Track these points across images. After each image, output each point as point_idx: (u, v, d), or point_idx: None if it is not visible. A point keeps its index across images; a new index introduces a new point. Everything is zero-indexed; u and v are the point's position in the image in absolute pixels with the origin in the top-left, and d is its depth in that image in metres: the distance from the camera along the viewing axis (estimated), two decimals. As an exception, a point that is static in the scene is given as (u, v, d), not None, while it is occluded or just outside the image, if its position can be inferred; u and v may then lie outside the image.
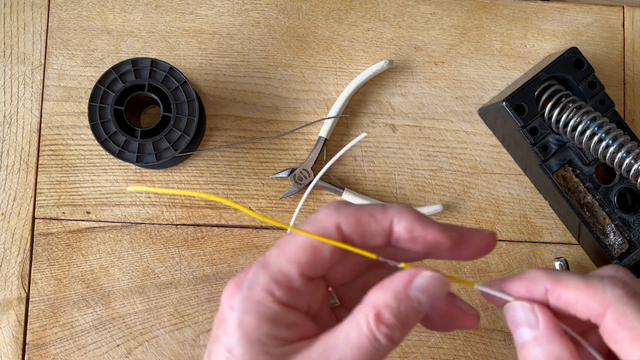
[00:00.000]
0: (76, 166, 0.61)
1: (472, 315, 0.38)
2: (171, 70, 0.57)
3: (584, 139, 0.55)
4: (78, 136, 0.61)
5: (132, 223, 0.61)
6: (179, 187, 0.61)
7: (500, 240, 0.62)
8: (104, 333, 0.59)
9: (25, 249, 0.60)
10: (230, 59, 0.63)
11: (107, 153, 0.56)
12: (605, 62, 0.64)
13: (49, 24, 0.62)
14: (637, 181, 0.55)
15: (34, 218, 0.60)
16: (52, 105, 0.61)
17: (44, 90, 0.61)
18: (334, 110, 0.61)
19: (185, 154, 0.58)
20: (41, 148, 0.61)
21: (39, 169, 0.61)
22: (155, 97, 0.57)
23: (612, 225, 0.59)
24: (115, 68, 0.57)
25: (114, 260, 0.60)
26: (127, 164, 0.60)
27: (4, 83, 0.61)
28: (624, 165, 0.54)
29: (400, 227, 0.35)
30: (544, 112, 0.57)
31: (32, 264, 0.60)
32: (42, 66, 0.62)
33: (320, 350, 0.34)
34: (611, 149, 0.54)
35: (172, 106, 0.57)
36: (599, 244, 0.58)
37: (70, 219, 0.60)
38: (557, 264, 0.61)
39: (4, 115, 0.61)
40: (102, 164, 0.61)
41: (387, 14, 0.64)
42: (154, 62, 0.57)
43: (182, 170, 0.61)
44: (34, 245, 0.60)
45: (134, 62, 0.57)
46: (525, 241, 0.62)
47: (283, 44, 0.63)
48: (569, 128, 0.56)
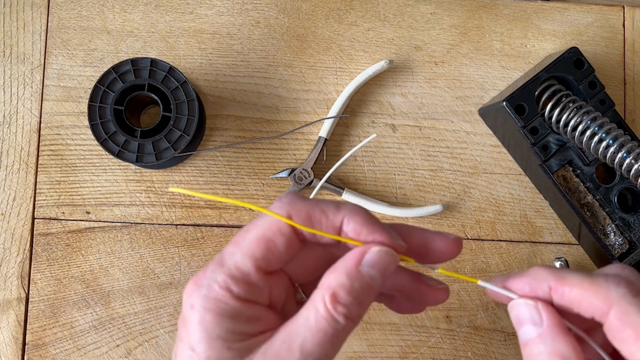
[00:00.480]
0: (76, 166, 0.61)
1: (441, 289, 0.38)
2: (171, 70, 0.57)
3: (585, 139, 0.55)
4: (78, 136, 0.61)
5: (131, 223, 0.61)
6: (178, 187, 0.61)
7: (500, 240, 0.62)
8: (104, 333, 0.59)
9: (24, 249, 0.60)
10: (230, 58, 0.63)
11: (107, 153, 0.56)
12: (606, 62, 0.64)
13: (49, 24, 0.62)
14: (637, 181, 0.55)
15: (33, 218, 0.60)
16: (51, 105, 0.61)
17: (44, 90, 0.61)
18: (334, 110, 0.61)
19: (185, 154, 0.58)
20: (41, 148, 0.61)
21: (38, 169, 0.61)
22: (155, 97, 0.57)
23: (613, 225, 0.59)
24: (115, 68, 0.57)
25: (114, 260, 0.60)
26: (127, 164, 0.60)
27: (4, 83, 0.61)
28: (625, 165, 0.54)
29: (349, 228, 0.35)
30: (544, 112, 0.57)
31: (32, 264, 0.60)
32: (42, 66, 0.62)
33: (282, 338, 0.34)
34: (611, 149, 0.54)
35: (172, 106, 0.57)
36: (600, 244, 0.58)
37: (70, 219, 0.60)
38: (557, 264, 0.60)
39: (4, 115, 0.61)
40: (101, 164, 0.61)
41: (387, 14, 0.64)
42: (153, 62, 0.57)
43: (182, 170, 0.61)
44: (33, 245, 0.60)
45: (134, 62, 0.57)
46: (526, 241, 0.62)
47: (283, 44, 0.63)
48: (569, 128, 0.56)
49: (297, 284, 0.39)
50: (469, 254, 0.62)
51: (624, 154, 0.54)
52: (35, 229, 0.60)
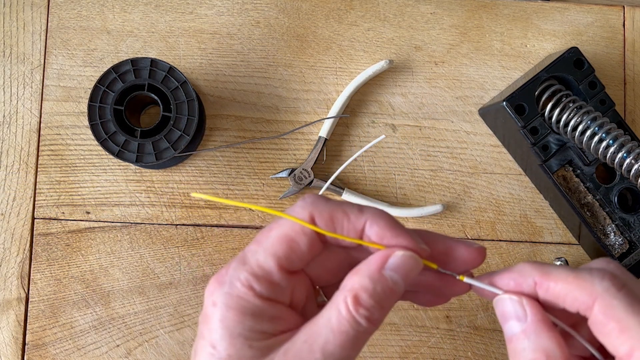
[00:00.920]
0: (76, 166, 0.61)
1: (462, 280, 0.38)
2: (171, 70, 0.57)
3: (585, 139, 0.55)
4: (78, 136, 0.61)
5: (131, 223, 0.61)
6: (178, 187, 0.61)
7: (500, 240, 0.62)
8: (104, 333, 0.59)
9: (24, 249, 0.60)
10: (230, 58, 0.63)
11: (107, 153, 0.56)
12: (606, 62, 0.64)
13: (49, 24, 0.62)
14: (637, 181, 0.55)
15: (33, 218, 0.60)
16: (51, 105, 0.61)
17: (44, 90, 0.61)
18: (334, 110, 0.61)
19: (185, 154, 0.58)
20: (41, 148, 0.61)
21: (38, 169, 0.61)
22: (155, 97, 0.57)
23: (613, 225, 0.59)
24: (115, 68, 0.57)
25: (114, 260, 0.60)
26: (127, 164, 0.60)
27: (4, 83, 0.61)
28: (625, 165, 0.54)
29: (372, 231, 0.35)
30: (545, 112, 0.57)
31: (32, 264, 0.60)
32: (42, 66, 0.62)
33: (304, 338, 0.34)
34: (612, 149, 0.54)
35: (171, 106, 0.57)
36: (600, 244, 0.58)
37: (70, 219, 0.60)
38: (557, 264, 0.60)
39: (4, 115, 0.61)
40: (101, 164, 0.61)
41: (387, 14, 0.64)
42: (153, 62, 0.57)
43: (182, 170, 0.61)
44: (33, 245, 0.60)
45: (134, 62, 0.57)
46: (526, 241, 0.62)
47: (283, 44, 0.63)
48: (569, 128, 0.56)
49: (318, 287, 0.39)
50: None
51: (624, 154, 0.54)
52: (35, 229, 0.60)
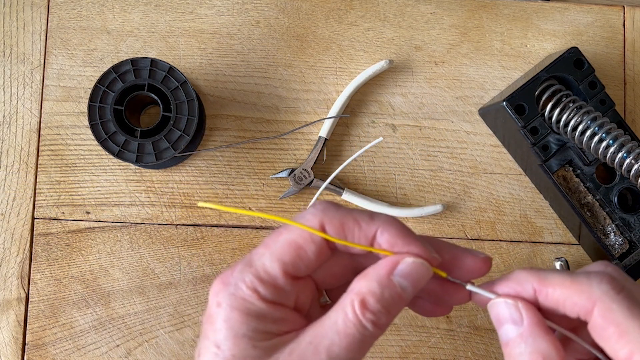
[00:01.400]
0: (76, 166, 0.61)
1: (465, 289, 0.38)
2: (171, 70, 0.57)
3: (585, 139, 0.55)
4: (78, 136, 0.61)
5: (131, 223, 0.61)
6: (178, 187, 0.61)
7: (500, 240, 0.62)
8: (104, 333, 0.59)
9: (24, 249, 0.60)
10: (230, 58, 0.63)
11: (107, 153, 0.56)
12: (606, 62, 0.64)
13: (49, 24, 0.62)
14: (637, 181, 0.55)
15: (33, 218, 0.60)
16: (51, 105, 0.61)
17: (44, 90, 0.61)
18: (334, 110, 0.61)
19: (185, 154, 0.58)
20: (41, 148, 0.61)
21: (38, 169, 0.61)
22: (155, 97, 0.57)
23: (613, 225, 0.59)
24: (115, 68, 0.57)
25: (114, 260, 0.60)
26: (127, 164, 0.60)
27: (4, 83, 0.61)
28: (625, 165, 0.54)
29: (383, 239, 0.35)
30: (545, 112, 0.57)
31: (32, 264, 0.60)
32: (42, 66, 0.62)
33: (309, 339, 0.34)
34: (612, 149, 0.54)
35: (171, 106, 0.57)
36: (600, 244, 0.58)
37: (70, 219, 0.60)
38: (557, 264, 0.60)
39: (4, 115, 0.61)
40: (101, 164, 0.61)
41: (387, 14, 0.64)
42: (153, 62, 0.57)
43: (182, 170, 0.61)
44: (33, 245, 0.60)
45: (134, 62, 0.57)
46: (526, 241, 0.62)
47: (283, 44, 0.63)
48: (569, 128, 0.56)
49: (322, 289, 0.39)
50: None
51: (624, 154, 0.54)
52: (35, 229, 0.60)
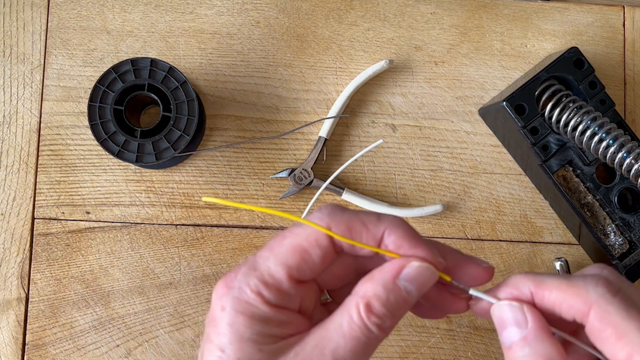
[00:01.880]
0: (76, 166, 0.61)
1: (464, 299, 0.38)
2: (171, 70, 0.57)
3: (585, 139, 0.55)
4: (78, 136, 0.61)
5: (131, 223, 0.61)
6: (178, 187, 0.61)
7: (500, 240, 0.62)
8: (104, 333, 0.59)
9: (24, 249, 0.60)
10: (230, 58, 0.63)
11: (107, 153, 0.56)
12: (606, 62, 0.64)
13: (49, 24, 0.62)
14: (637, 181, 0.55)
15: (33, 218, 0.60)
16: (51, 105, 0.61)
17: (44, 90, 0.61)
18: (334, 110, 0.61)
19: (185, 154, 0.58)
20: (41, 148, 0.61)
21: (38, 169, 0.61)
22: (155, 97, 0.57)
23: (613, 225, 0.59)
24: (115, 68, 0.57)
25: (114, 260, 0.60)
26: (127, 164, 0.60)
27: (4, 83, 0.61)
28: (625, 165, 0.54)
29: (390, 240, 0.35)
30: (545, 112, 0.57)
31: (32, 264, 0.60)
32: (42, 66, 0.62)
33: (314, 342, 0.34)
34: (612, 149, 0.54)
35: (171, 106, 0.57)
36: (600, 244, 0.58)
37: (70, 219, 0.60)
38: (557, 264, 0.60)
39: (4, 115, 0.61)
40: (101, 164, 0.61)
41: (387, 14, 0.64)
42: (153, 62, 0.57)
43: (182, 170, 0.61)
44: (33, 245, 0.60)
45: (134, 62, 0.57)
46: (526, 241, 0.62)
47: (283, 44, 0.63)
48: (569, 128, 0.56)
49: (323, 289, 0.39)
50: (469, 254, 0.61)
51: (624, 154, 0.54)
52: (35, 229, 0.60)
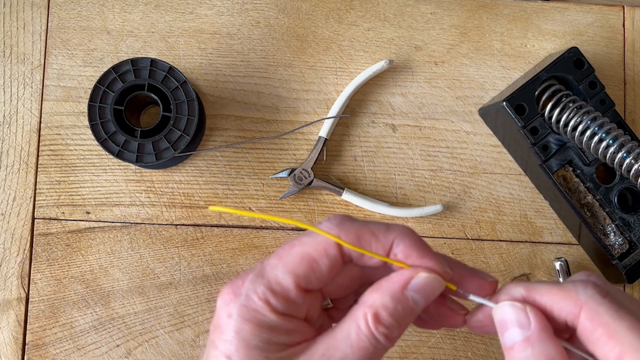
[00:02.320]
0: (76, 166, 0.61)
1: (460, 315, 0.38)
2: (171, 70, 0.57)
3: (585, 139, 0.55)
4: (78, 136, 0.61)
5: (131, 223, 0.61)
6: (178, 187, 0.61)
7: (500, 240, 0.62)
8: (104, 333, 0.59)
9: (24, 249, 0.60)
10: (230, 58, 0.63)
11: (107, 153, 0.56)
12: (606, 62, 0.64)
13: (49, 24, 0.62)
14: (637, 181, 0.55)
15: (33, 218, 0.60)
16: (51, 105, 0.61)
17: (44, 90, 0.61)
18: (334, 110, 0.61)
19: (185, 154, 0.58)
20: (41, 148, 0.61)
21: (38, 169, 0.61)
22: (155, 97, 0.57)
23: (613, 225, 0.59)
24: (115, 68, 0.57)
25: (114, 260, 0.60)
26: (127, 164, 0.60)
27: (4, 83, 0.61)
28: (625, 165, 0.54)
29: (398, 249, 0.35)
30: (544, 112, 0.57)
31: (32, 264, 0.60)
32: (42, 66, 0.62)
33: (321, 351, 0.34)
34: (611, 149, 0.54)
35: (171, 106, 0.57)
36: (600, 244, 0.58)
37: (70, 219, 0.60)
38: (557, 264, 0.60)
39: (4, 115, 0.61)
40: (101, 164, 0.61)
41: (387, 14, 0.64)
42: (153, 62, 0.57)
43: (182, 170, 0.61)
44: (33, 245, 0.60)
45: (134, 62, 0.57)
46: (526, 241, 0.62)
47: (283, 44, 0.63)
48: (569, 128, 0.56)
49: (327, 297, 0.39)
50: (469, 254, 0.62)
51: (624, 154, 0.54)
52: (35, 229, 0.60)
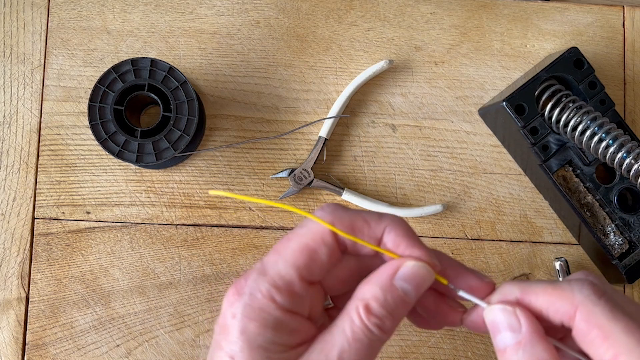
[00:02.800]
0: (76, 166, 0.61)
1: (458, 312, 0.38)
2: (171, 70, 0.57)
3: (584, 139, 0.55)
4: (78, 136, 0.61)
5: (131, 223, 0.61)
6: (178, 187, 0.61)
7: (500, 240, 0.62)
8: (104, 333, 0.59)
9: (25, 249, 0.60)
10: (230, 58, 0.63)
11: (107, 153, 0.56)
12: (606, 62, 0.64)
13: (49, 24, 0.62)
14: (637, 181, 0.55)
15: (33, 218, 0.60)
16: (51, 105, 0.61)
17: (44, 90, 0.61)
18: (334, 110, 0.61)
19: (185, 154, 0.58)
20: (41, 148, 0.61)
21: (38, 169, 0.61)
22: (155, 97, 0.57)
23: (613, 225, 0.59)
24: (115, 68, 0.57)
25: (114, 260, 0.60)
26: (127, 164, 0.60)
27: (4, 83, 0.61)
28: (624, 165, 0.54)
29: (389, 238, 0.36)
30: (544, 112, 0.57)
31: (32, 264, 0.60)
32: (42, 66, 0.62)
33: (319, 348, 0.34)
34: (611, 149, 0.54)
35: (171, 106, 0.57)
36: (599, 244, 0.58)
37: (70, 219, 0.60)
38: (557, 264, 0.60)
39: (4, 115, 0.61)
40: (101, 164, 0.61)
41: (387, 14, 0.64)
42: (153, 62, 0.57)
43: (182, 170, 0.61)
44: (33, 245, 0.60)
45: (134, 62, 0.57)
46: (526, 241, 0.62)
47: (283, 44, 0.63)
48: (569, 128, 0.56)
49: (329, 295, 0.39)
50: (469, 254, 0.62)
51: (624, 154, 0.54)
52: (35, 229, 0.60)
